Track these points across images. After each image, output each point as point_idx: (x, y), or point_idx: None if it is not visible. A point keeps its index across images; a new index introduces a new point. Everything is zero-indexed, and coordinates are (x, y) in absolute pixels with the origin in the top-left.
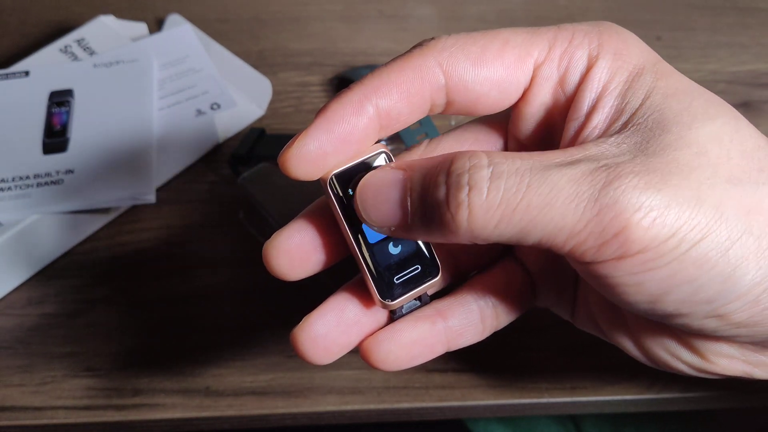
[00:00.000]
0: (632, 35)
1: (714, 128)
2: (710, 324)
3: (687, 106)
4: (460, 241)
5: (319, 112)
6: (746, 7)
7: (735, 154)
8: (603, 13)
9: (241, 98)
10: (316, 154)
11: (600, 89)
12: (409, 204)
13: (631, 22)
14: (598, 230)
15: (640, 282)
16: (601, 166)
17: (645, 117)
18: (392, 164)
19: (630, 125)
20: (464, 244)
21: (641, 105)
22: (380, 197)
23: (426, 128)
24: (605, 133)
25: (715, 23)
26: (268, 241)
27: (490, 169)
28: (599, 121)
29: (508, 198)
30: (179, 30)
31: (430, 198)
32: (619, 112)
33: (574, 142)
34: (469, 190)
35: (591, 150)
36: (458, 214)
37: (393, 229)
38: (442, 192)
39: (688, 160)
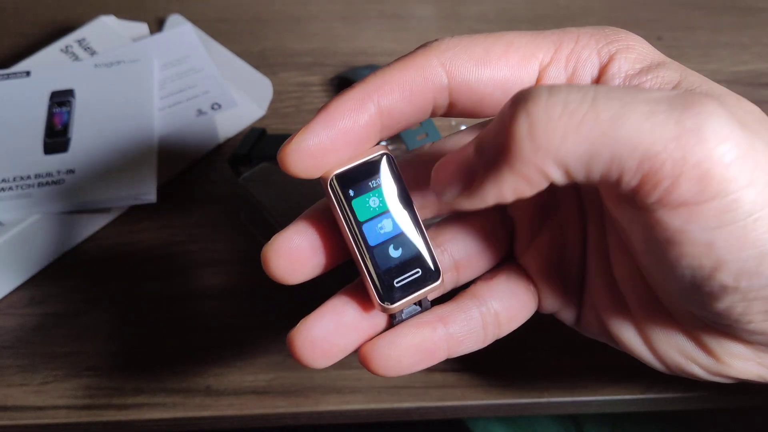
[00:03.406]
0: (637, 36)
1: (756, 109)
2: (756, 307)
3: (724, 92)
4: (529, 175)
5: (320, 108)
6: (747, 7)
7: None
8: (603, 13)
9: (241, 98)
10: (316, 150)
11: (623, 77)
12: (474, 157)
13: (632, 22)
14: (678, 156)
15: (711, 240)
16: (680, 94)
17: (693, 88)
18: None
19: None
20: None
21: (681, 81)
22: (449, 162)
23: (427, 129)
24: None
25: (715, 23)
26: (266, 244)
27: (548, 87)
28: None
29: (571, 109)
30: (180, 30)
31: (491, 133)
32: (657, 85)
33: None
34: (527, 102)
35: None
36: (518, 128)
37: (465, 191)
38: (500, 122)
39: (752, 122)
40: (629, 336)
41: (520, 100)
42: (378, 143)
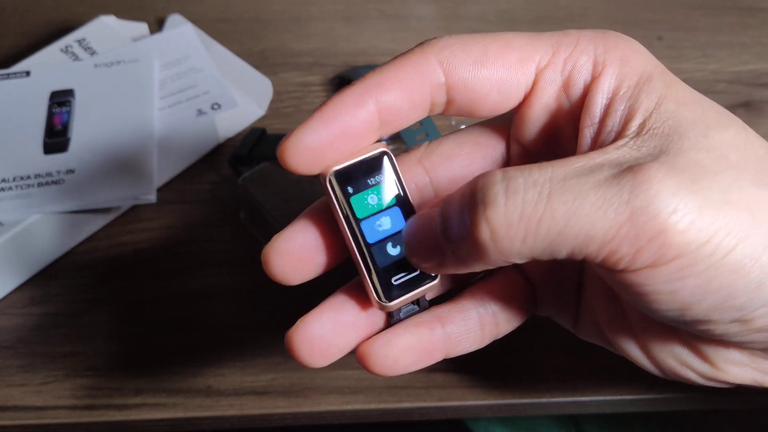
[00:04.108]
0: (637, 43)
1: (729, 136)
2: (733, 329)
3: (700, 116)
4: (496, 264)
5: (319, 105)
6: (747, 7)
7: (752, 161)
8: (603, 13)
9: (241, 98)
10: (315, 146)
11: (610, 94)
12: (442, 240)
13: (632, 22)
14: (633, 235)
15: (675, 290)
16: (626, 169)
17: (660, 122)
18: (432, 202)
19: (646, 129)
20: None
21: (654, 110)
22: (419, 240)
23: (427, 128)
24: (621, 135)
25: (715, 23)
26: (267, 245)
27: (504, 184)
28: (613, 123)
29: (529, 211)
30: (180, 30)
31: (454, 229)
32: (632, 113)
33: (592, 148)
34: (486, 208)
35: (611, 154)
36: (480, 236)
37: (439, 267)
38: (462, 219)
39: (712, 164)
40: (625, 341)
41: (479, 202)
42: (379, 141)
